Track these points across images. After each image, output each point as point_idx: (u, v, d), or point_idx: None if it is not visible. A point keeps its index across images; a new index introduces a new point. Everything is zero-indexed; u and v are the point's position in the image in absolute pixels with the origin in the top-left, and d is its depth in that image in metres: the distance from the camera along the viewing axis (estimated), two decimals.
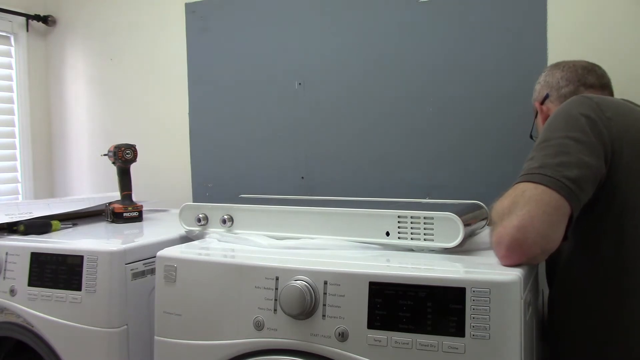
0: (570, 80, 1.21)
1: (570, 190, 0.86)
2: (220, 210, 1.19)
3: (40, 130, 2.25)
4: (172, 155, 2.00)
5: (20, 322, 1.21)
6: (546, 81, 1.25)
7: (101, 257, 1.13)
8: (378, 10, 1.65)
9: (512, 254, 0.86)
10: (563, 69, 1.23)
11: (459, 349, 0.79)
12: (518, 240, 0.85)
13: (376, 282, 0.86)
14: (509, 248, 0.85)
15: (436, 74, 1.60)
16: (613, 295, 0.94)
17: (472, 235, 1.02)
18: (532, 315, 0.92)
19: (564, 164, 0.88)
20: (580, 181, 0.88)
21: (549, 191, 0.86)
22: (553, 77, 1.24)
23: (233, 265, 0.97)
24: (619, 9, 1.41)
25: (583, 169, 0.88)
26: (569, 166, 0.88)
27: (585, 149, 0.90)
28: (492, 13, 1.52)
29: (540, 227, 0.85)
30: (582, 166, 0.89)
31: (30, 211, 1.39)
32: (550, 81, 1.24)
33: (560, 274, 1.04)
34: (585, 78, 1.20)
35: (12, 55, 2.16)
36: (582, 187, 0.88)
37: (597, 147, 0.91)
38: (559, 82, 1.22)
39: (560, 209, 0.86)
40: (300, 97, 1.77)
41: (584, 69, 1.22)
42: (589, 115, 0.94)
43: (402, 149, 1.64)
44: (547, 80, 1.25)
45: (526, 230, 0.84)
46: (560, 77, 1.22)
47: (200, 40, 1.93)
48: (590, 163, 0.89)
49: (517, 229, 0.85)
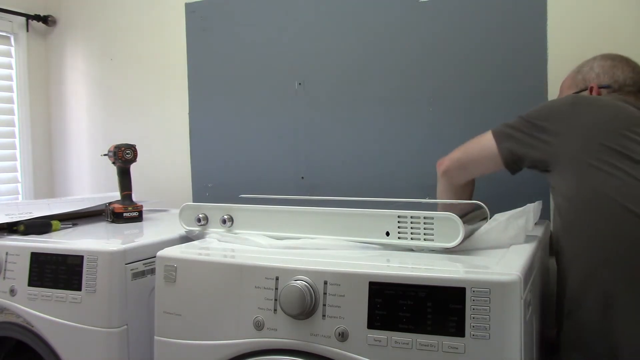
0: (636, 82, 1.23)
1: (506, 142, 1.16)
2: (220, 210, 1.19)
3: (40, 130, 2.25)
4: (172, 155, 2.00)
5: (20, 322, 1.21)
6: (614, 72, 1.25)
7: (101, 257, 1.13)
8: (378, 10, 1.65)
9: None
10: (634, 70, 1.25)
11: (459, 349, 0.79)
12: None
13: (376, 282, 0.86)
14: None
15: (436, 74, 1.60)
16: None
17: (472, 235, 1.02)
18: (532, 315, 0.92)
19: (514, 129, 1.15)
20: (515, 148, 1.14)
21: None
22: (622, 72, 1.24)
23: (233, 265, 0.97)
24: (619, 9, 1.41)
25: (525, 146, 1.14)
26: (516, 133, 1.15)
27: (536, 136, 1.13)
28: (492, 13, 1.52)
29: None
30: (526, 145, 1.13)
31: (30, 211, 1.39)
32: (618, 75, 1.24)
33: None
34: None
35: (12, 55, 2.16)
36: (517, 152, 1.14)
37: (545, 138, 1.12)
38: (626, 80, 1.23)
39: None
40: (300, 97, 1.77)
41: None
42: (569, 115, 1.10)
43: (402, 149, 1.64)
44: (615, 73, 1.25)
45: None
46: (629, 77, 1.23)
47: (200, 40, 1.93)
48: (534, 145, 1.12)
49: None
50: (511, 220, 1.05)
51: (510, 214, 1.06)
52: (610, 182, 1.02)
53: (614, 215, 1.01)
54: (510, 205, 1.09)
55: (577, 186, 1.06)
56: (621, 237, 1.00)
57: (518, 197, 1.20)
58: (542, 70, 1.46)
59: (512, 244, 1.03)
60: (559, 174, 1.10)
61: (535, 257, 1.02)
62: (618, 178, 1.02)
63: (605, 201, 1.02)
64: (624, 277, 0.99)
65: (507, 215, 1.06)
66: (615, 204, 1.01)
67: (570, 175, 1.08)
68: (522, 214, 1.07)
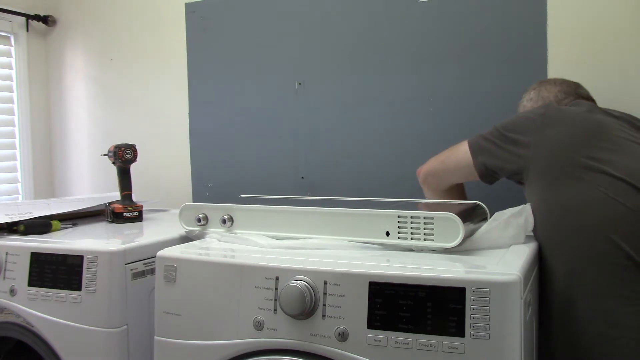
0: (568, 93, 1.27)
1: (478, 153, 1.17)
2: (220, 210, 1.19)
3: (40, 130, 2.25)
4: (172, 155, 2.00)
5: (20, 322, 1.21)
6: (541, 96, 1.29)
7: (101, 257, 1.13)
8: (378, 10, 1.65)
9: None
10: (556, 84, 1.30)
11: (459, 349, 0.79)
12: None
13: (376, 282, 0.86)
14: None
15: (436, 74, 1.60)
16: None
17: (472, 235, 1.02)
18: (532, 315, 0.92)
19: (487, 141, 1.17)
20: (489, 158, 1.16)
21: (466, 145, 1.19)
22: (549, 92, 1.29)
23: (233, 265, 0.97)
24: (619, 9, 1.41)
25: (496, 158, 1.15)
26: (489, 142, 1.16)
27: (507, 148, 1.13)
28: (492, 13, 1.52)
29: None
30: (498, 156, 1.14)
31: (30, 211, 1.39)
32: (547, 96, 1.28)
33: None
34: (579, 91, 1.28)
35: (12, 55, 2.16)
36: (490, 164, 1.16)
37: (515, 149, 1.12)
38: (557, 95, 1.27)
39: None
40: (300, 97, 1.77)
41: (574, 83, 1.30)
42: (534, 120, 1.11)
43: (402, 149, 1.64)
44: (543, 95, 1.29)
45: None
46: (557, 91, 1.28)
47: (200, 40, 1.93)
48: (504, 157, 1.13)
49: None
50: (511, 219, 1.05)
51: (510, 213, 1.06)
52: (578, 196, 1.02)
53: (582, 229, 1.01)
54: (510, 206, 1.09)
55: (545, 200, 1.07)
56: (590, 252, 0.99)
57: (518, 196, 1.20)
58: (542, 70, 1.46)
59: (512, 244, 1.03)
60: (529, 187, 1.10)
61: (535, 257, 1.02)
62: (585, 191, 1.01)
63: (572, 215, 1.02)
64: (590, 293, 0.99)
65: (508, 214, 1.06)
66: (582, 217, 1.01)
67: (538, 189, 1.08)
68: (522, 213, 1.07)
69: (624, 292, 0.96)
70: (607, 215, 0.99)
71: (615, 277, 0.97)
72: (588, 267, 0.99)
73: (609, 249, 0.97)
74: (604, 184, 1.00)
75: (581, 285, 1.00)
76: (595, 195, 1.00)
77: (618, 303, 0.96)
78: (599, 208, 1.00)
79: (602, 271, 0.98)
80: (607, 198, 0.99)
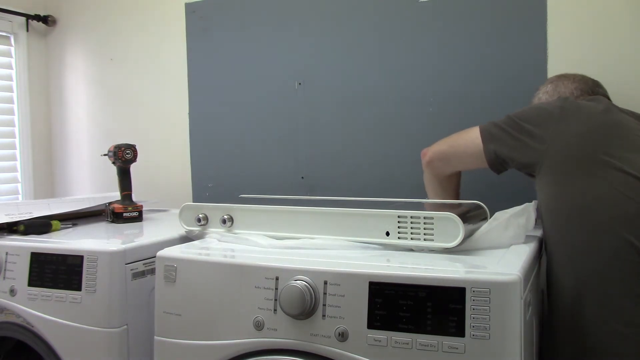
0: (583, 90, 1.25)
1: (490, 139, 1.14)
2: (220, 210, 1.19)
3: (40, 130, 2.25)
4: (172, 155, 2.00)
5: (20, 322, 1.21)
6: (558, 91, 1.27)
7: (101, 257, 1.13)
8: (378, 10, 1.65)
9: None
10: (574, 81, 1.27)
11: (459, 349, 0.79)
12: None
13: (376, 282, 0.86)
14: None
15: (436, 74, 1.59)
16: None
17: (472, 235, 1.02)
18: (532, 315, 0.92)
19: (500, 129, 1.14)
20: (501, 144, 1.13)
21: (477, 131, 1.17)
22: (566, 88, 1.26)
23: (233, 265, 0.97)
24: (619, 10, 1.41)
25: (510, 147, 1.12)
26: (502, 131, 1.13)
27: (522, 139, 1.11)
28: (492, 13, 1.52)
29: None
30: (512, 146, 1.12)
31: (30, 211, 1.39)
32: (564, 91, 1.26)
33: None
34: (596, 90, 1.26)
35: (12, 55, 2.16)
36: (502, 152, 1.13)
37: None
38: (573, 92, 1.25)
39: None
40: (300, 97, 1.77)
41: (592, 80, 1.27)
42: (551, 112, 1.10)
43: (402, 149, 1.64)
44: (560, 91, 1.27)
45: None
46: (574, 88, 1.25)
47: (201, 40, 1.93)
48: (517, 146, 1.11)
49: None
50: (512, 219, 1.05)
51: (511, 213, 1.06)
52: (591, 193, 1.01)
53: (595, 227, 1.00)
54: (510, 205, 1.09)
55: (556, 195, 1.05)
56: (603, 250, 0.99)
57: (518, 196, 1.20)
58: (542, 70, 1.46)
59: (512, 244, 1.03)
60: (541, 180, 1.09)
61: (535, 257, 1.02)
62: (599, 188, 1.00)
63: (584, 212, 1.01)
64: (603, 291, 0.98)
65: (509, 213, 1.06)
66: (595, 215, 1.00)
67: (550, 184, 1.07)
68: (523, 212, 1.07)
69: (638, 290, 0.96)
70: (620, 213, 0.98)
71: (628, 275, 0.96)
72: (600, 265, 0.99)
73: (622, 247, 0.97)
74: (618, 181, 0.99)
75: (592, 284, 0.99)
76: (609, 192, 0.99)
77: (632, 301, 0.96)
78: (613, 205, 0.99)
79: (615, 269, 0.97)
80: (621, 196, 0.98)
